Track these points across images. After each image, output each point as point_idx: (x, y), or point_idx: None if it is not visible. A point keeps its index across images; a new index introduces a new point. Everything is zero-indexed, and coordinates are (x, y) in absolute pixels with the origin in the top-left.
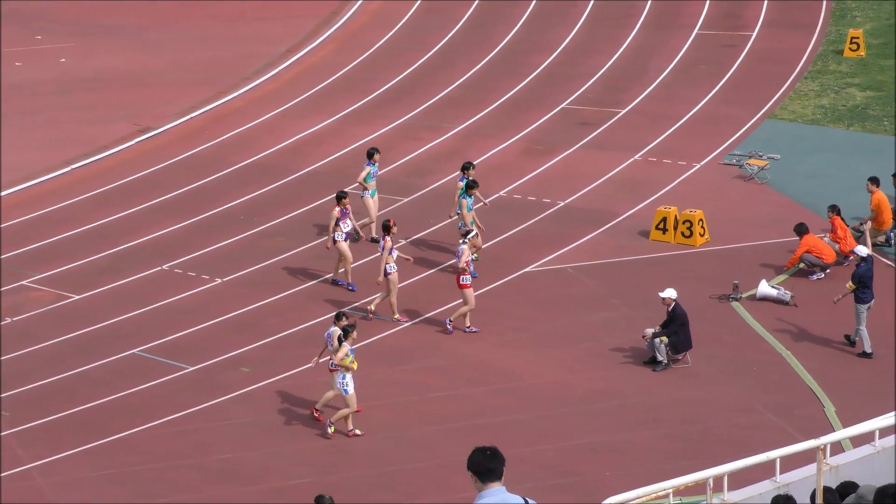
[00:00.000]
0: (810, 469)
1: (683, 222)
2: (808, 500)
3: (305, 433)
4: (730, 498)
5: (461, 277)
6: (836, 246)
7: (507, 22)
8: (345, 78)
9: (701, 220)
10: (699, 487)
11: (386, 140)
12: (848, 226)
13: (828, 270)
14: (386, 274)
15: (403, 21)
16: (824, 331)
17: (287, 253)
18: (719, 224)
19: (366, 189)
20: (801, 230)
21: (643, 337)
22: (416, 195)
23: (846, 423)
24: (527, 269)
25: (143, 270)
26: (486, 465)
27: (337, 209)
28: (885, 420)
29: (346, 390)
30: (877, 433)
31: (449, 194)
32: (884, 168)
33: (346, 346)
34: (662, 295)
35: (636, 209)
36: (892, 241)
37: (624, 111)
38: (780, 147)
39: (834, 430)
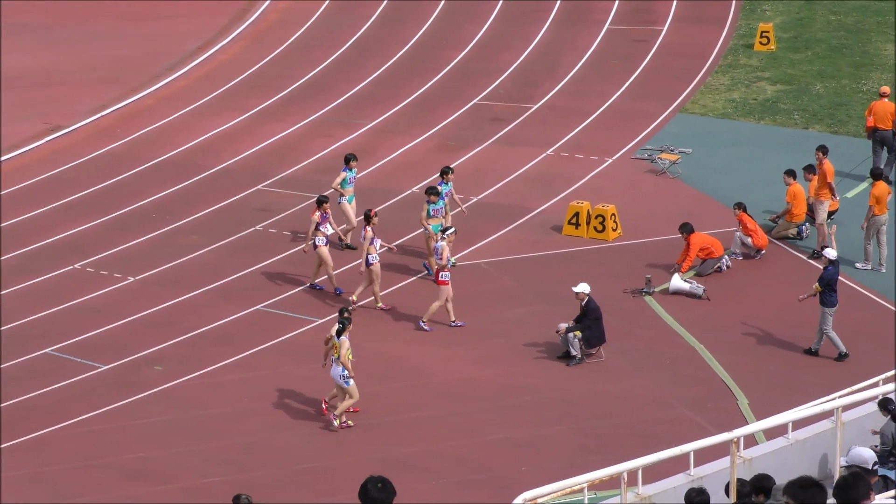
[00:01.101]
0: (724, 462)
1: (596, 217)
2: (722, 493)
3: (219, 431)
4: (644, 492)
5: (440, 274)
6: (749, 240)
7: (417, 18)
8: (256, 75)
9: (613, 214)
10: (614, 482)
11: (297, 137)
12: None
13: (725, 260)
14: (368, 264)
15: (314, 18)
16: (737, 324)
17: (200, 250)
18: (632, 218)
19: (342, 195)
20: (687, 229)
21: (557, 332)
22: (327, 192)
23: (759, 416)
24: None
25: (55, 269)
26: (376, 497)
27: (317, 214)
28: (798, 413)
29: (347, 382)
30: (790, 426)
31: (356, 192)
32: (794, 161)
33: (346, 341)
34: (576, 290)
35: (549, 204)
36: (805, 235)
37: (536, 107)
38: (692, 141)
39: (747, 423)
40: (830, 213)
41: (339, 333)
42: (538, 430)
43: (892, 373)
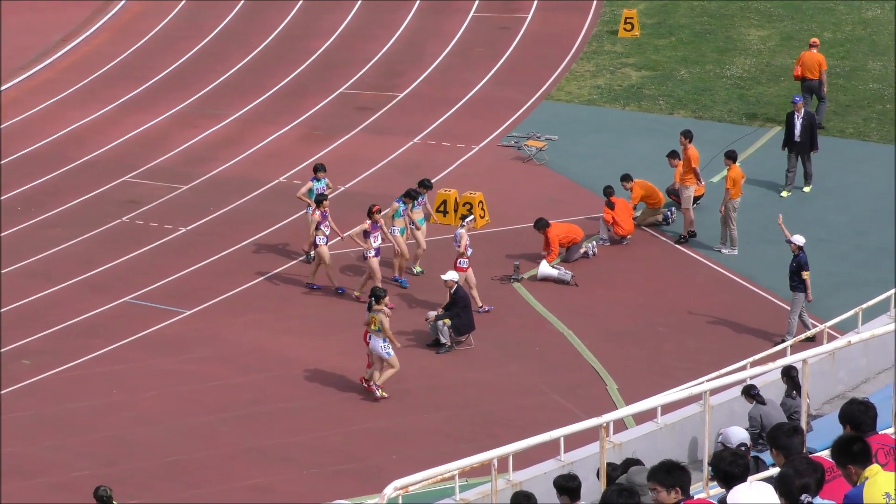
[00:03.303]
0: (594, 447)
1: (464, 204)
2: (593, 477)
3: (88, 425)
4: (515, 478)
5: (458, 261)
6: (611, 228)
7: (281, 8)
8: (121, 66)
9: (481, 202)
10: (484, 468)
11: (163, 128)
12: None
13: (592, 246)
14: (364, 257)
15: (178, 8)
16: (606, 310)
17: (67, 243)
18: (499, 206)
19: (309, 205)
20: (541, 225)
21: (426, 320)
22: (194, 183)
23: (629, 401)
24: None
25: None
26: None
27: (317, 213)
28: (666, 397)
29: (388, 353)
30: (659, 410)
31: (223, 182)
32: (660, 147)
33: (383, 313)
34: (444, 277)
35: None
36: (671, 220)
37: (402, 95)
38: (558, 128)
39: (617, 408)
40: (696, 198)
41: (369, 307)
42: (408, 418)
43: (760, 356)
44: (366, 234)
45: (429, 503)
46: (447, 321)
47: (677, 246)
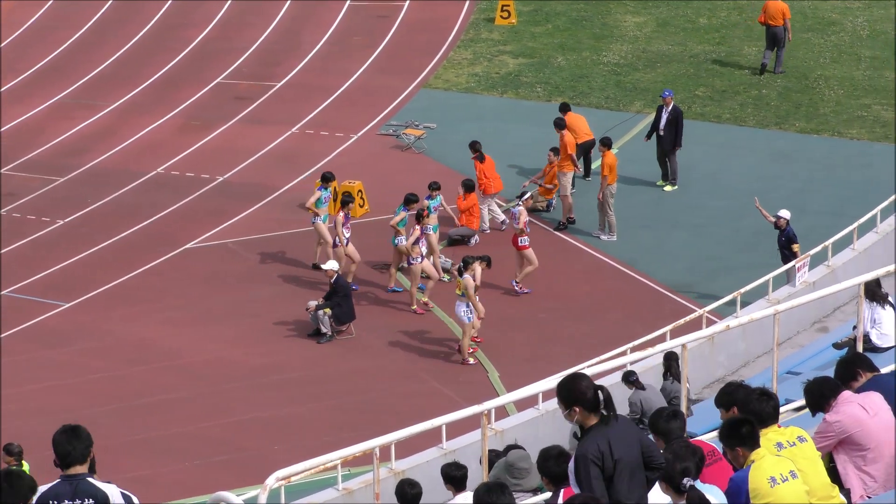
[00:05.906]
0: (476, 434)
1: (343, 193)
2: (476, 464)
3: None
4: (398, 466)
5: (519, 239)
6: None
7: None
8: None
9: (360, 191)
10: (367, 457)
11: (39, 120)
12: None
13: (476, 237)
14: (409, 262)
15: None
16: (485, 296)
17: None
18: (378, 194)
19: (317, 215)
20: (469, 186)
21: (307, 309)
22: (71, 175)
23: (510, 388)
24: (187, 246)
25: None
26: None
27: (341, 214)
28: (547, 383)
29: (468, 318)
30: (540, 396)
31: (101, 174)
32: (538, 134)
33: (469, 279)
34: (325, 267)
35: (295, 182)
36: (552, 207)
37: (279, 84)
38: (436, 116)
39: (498, 395)
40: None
41: (460, 272)
42: (291, 408)
43: (640, 341)
44: (415, 241)
45: (311, 493)
46: (328, 311)
47: (556, 233)
